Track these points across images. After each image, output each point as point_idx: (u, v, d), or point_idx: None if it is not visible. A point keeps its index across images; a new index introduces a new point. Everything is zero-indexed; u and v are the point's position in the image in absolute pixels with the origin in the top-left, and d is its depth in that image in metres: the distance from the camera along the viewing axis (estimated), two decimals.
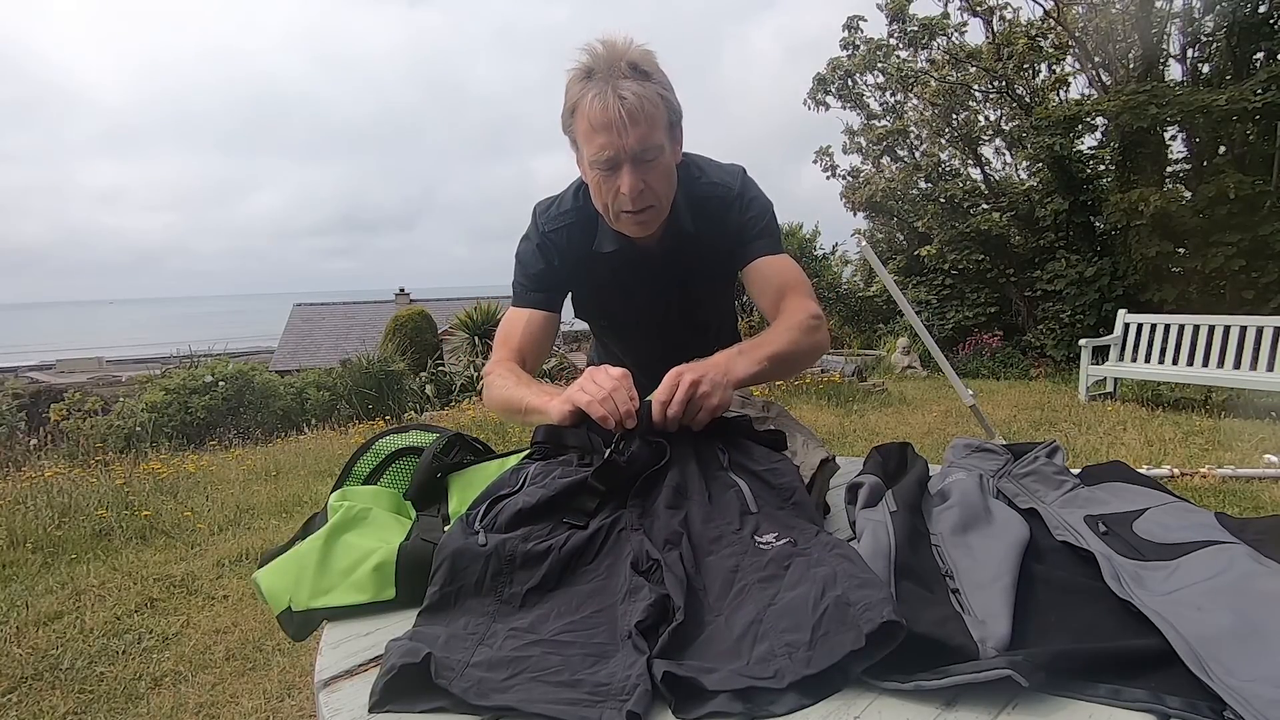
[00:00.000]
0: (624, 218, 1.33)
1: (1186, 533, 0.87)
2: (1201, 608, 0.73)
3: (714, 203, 1.43)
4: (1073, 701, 0.64)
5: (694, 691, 0.65)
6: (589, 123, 1.23)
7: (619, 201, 1.29)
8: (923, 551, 0.87)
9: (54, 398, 11.68)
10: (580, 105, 1.24)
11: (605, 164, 1.26)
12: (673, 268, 1.46)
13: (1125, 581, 0.80)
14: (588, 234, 1.43)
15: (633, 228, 1.35)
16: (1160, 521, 0.91)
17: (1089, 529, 0.93)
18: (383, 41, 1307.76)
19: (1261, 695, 0.62)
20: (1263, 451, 4.89)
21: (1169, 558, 0.83)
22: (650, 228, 1.37)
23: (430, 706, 0.65)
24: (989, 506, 0.95)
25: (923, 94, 12.48)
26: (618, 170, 1.26)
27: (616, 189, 1.28)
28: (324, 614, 0.86)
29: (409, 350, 14.17)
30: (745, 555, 0.85)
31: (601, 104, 1.21)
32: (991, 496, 1.02)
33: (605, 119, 1.21)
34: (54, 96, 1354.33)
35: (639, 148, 1.24)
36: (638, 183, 1.27)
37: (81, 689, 2.63)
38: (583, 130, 1.26)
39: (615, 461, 0.98)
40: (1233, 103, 8.43)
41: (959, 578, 0.82)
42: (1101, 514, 0.96)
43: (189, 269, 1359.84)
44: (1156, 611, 0.73)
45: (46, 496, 4.73)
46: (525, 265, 1.49)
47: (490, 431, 6.73)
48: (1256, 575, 0.76)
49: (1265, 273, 8.67)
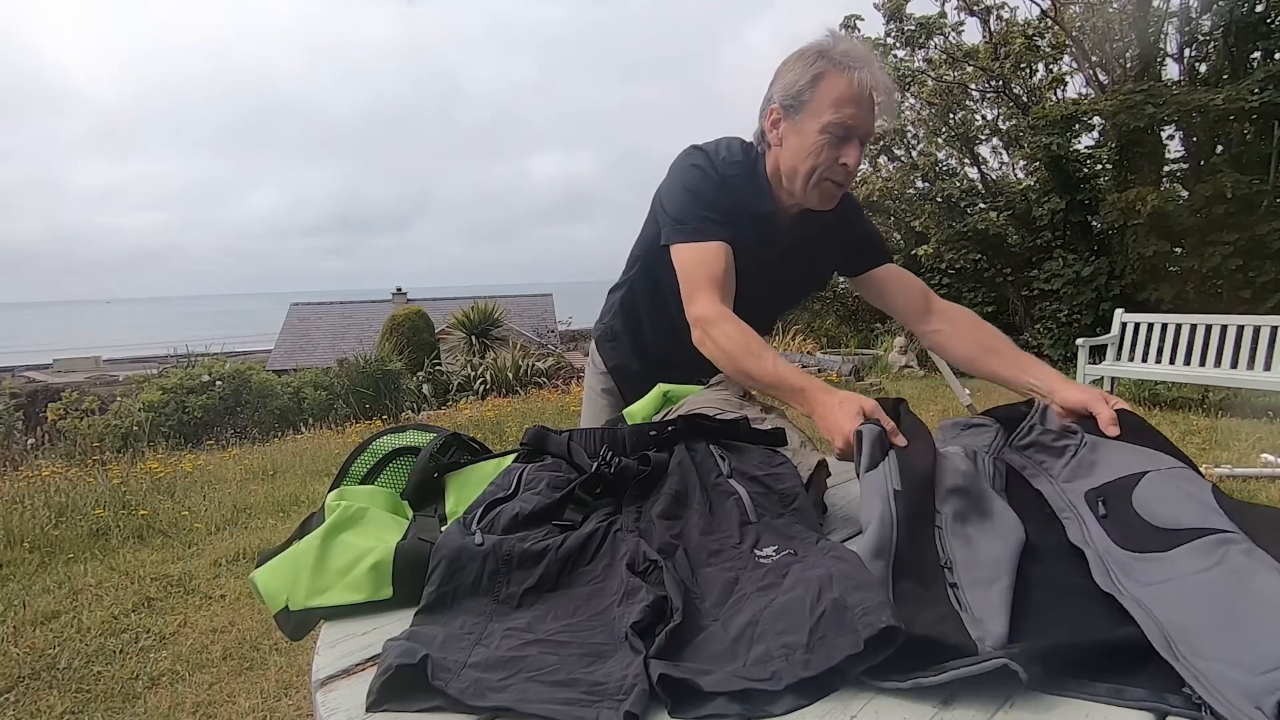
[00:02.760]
0: (825, 186, 1.40)
1: (1184, 512, 0.86)
2: (1184, 598, 0.74)
3: (844, 214, 1.53)
4: (1069, 700, 0.64)
5: (690, 692, 0.65)
6: (841, 91, 1.33)
7: (834, 171, 1.38)
8: (923, 538, 0.85)
9: (51, 397, 11.67)
10: (832, 72, 1.34)
11: (841, 132, 1.35)
12: (798, 253, 1.53)
13: (1114, 575, 0.80)
14: (750, 190, 1.47)
15: (823, 199, 1.43)
16: (1159, 494, 0.90)
17: (1089, 510, 0.93)
18: (379, 39, 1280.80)
19: (1224, 675, 0.63)
20: (1260, 451, 4.90)
21: (1163, 548, 0.83)
22: (832, 204, 1.45)
23: (427, 706, 0.65)
24: (986, 496, 0.94)
25: (920, 93, 12.49)
26: (847, 143, 1.36)
27: (837, 158, 1.37)
28: (321, 613, 0.86)
29: (406, 350, 14.15)
30: (744, 570, 0.84)
31: (870, 80, 1.33)
32: (988, 479, 1.01)
33: (861, 95, 1.33)
34: (47, 93, 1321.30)
35: (870, 133, 1.38)
36: (859, 161, 1.38)
37: (79, 688, 2.63)
38: (830, 96, 1.34)
39: (603, 474, 0.99)
40: (1230, 102, 8.45)
41: (958, 571, 0.81)
42: (1103, 484, 0.96)
43: (186, 268, 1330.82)
44: (1137, 600, 0.74)
45: (44, 496, 4.72)
46: (705, 196, 1.43)
47: (487, 431, 6.72)
48: (1247, 571, 0.75)
49: (1262, 272, 8.69)
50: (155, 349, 31.24)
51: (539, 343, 18.55)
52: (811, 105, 1.36)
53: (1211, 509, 0.85)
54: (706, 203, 1.43)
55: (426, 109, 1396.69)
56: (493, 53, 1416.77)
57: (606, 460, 1.01)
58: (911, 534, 0.84)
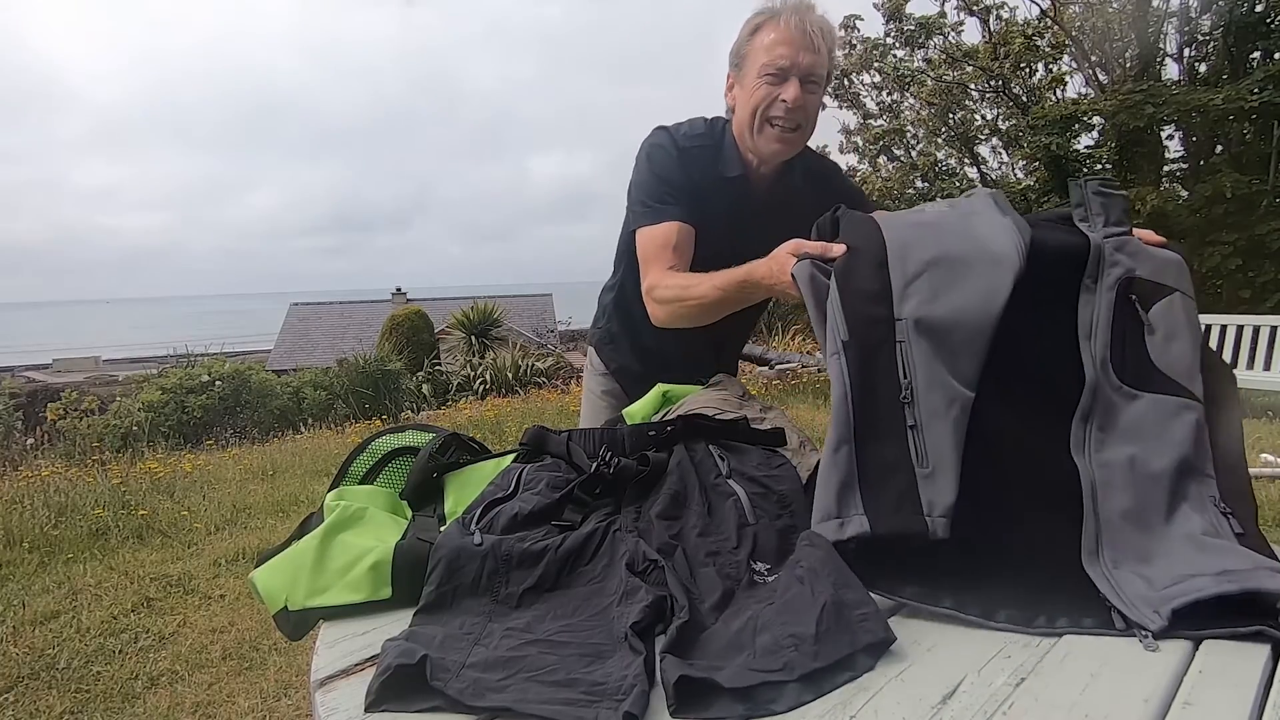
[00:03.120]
0: (770, 130, 1.41)
1: (1181, 357, 0.91)
2: (1124, 489, 0.86)
3: (822, 172, 1.57)
4: (1071, 699, 0.64)
5: (695, 691, 0.65)
6: (773, 36, 1.38)
7: (775, 108, 1.39)
8: (881, 377, 0.87)
9: (50, 397, 11.67)
10: (767, 23, 1.39)
11: (777, 72, 1.38)
12: (776, 218, 1.45)
13: (1092, 424, 0.89)
14: (716, 158, 1.50)
15: (774, 143, 1.43)
16: (1179, 319, 0.92)
17: (1111, 293, 0.91)
18: (378, 39, 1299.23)
19: (1135, 588, 0.79)
20: (1260, 451, 4.90)
21: (1146, 388, 0.90)
22: (787, 149, 1.45)
23: (426, 706, 0.65)
24: (962, 261, 0.89)
25: (919, 93, 12.50)
26: (784, 82, 1.38)
27: (776, 96, 1.39)
28: (320, 613, 0.86)
29: (405, 350, 14.16)
30: (740, 584, 0.85)
31: (796, 21, 1.37)
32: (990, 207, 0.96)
33: (793, 35, 1.37)
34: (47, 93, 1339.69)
35: (809, 69, 1.38)
36: (799, 95, 1.38)
37: (78, 688, 2.62)
38: (763, 43, 1.39)
39: (602, 474, 0.99)
40: (1229, 102, 8.45)
41: (917, 402, 0.85)
42: (1139, 277, 0.93)
43: (185, 268, 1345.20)
44: (1092, 482, 0.87)
45: (43, 496, 4.72)
46: (665, 176, 1.48)
47: (487, 431, 6.73)
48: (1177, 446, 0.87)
49: (1262, 271, 8.69)
50: (155, 349, 31.22)
51: (538, 343, 18.56)
52: (749, 56, 1.42)
53: (1195, 370, 0.91)
54: (664, 179, 1.47)
55: (426, 109, 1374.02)
56: (492, 52, 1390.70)
57: (606, 460, 1.01)
58: (866, 385, 0.87)
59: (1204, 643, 0.73)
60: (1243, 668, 0.68)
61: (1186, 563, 0.80)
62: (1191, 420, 0.89)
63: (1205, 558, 0.80)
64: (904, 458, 0.84)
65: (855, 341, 0.88)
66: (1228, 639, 0.73)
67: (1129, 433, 0.89)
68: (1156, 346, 0.91)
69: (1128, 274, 0.92)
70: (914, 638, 0.74)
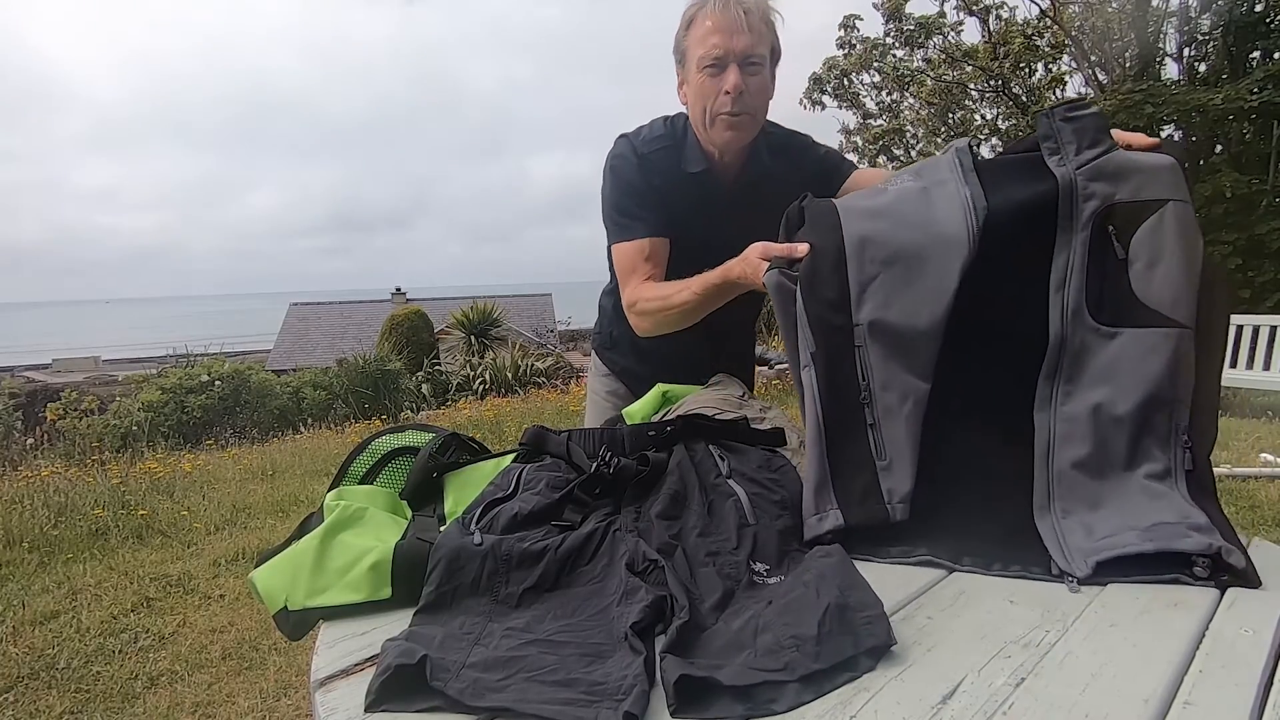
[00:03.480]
0: (720, 121, 1.40)
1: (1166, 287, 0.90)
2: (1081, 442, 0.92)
3: (792, 149, 1.54)
4: (1071, 699, 0.64)
5: (695, 691, 0.65)
6: (706, 26, 1.37)
7: (719, 102, 1.38)
8: (844, 381, 0.95)
9: (50, 397, 11.66)
10: (699, 14, 1.39)
11: (714, 63, 1.37)
12: (749, 202, 1.48)
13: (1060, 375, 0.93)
14: (678, 157, 1.49)
15: (726, 133, 1.42)
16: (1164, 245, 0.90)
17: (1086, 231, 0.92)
18: (377, 38, 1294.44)
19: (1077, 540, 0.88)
20: (1259, 450, 4.90)
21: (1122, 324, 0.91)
22: (742, 135, 1.44)
23: (426, 706, 0.65)
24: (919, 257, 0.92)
25: (919, 93, 12.50)
26: (724, 71, 1.37)
27: (719, 89, 1.37)
28: (320, 613, 0.86)
29: (405, 350, 14.16)
30: (740, 585, 0.85)
31: (723, 6, 1.35)
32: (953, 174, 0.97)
33: (722, 21, 1.35)
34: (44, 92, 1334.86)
35: (747, 53, 1.36)
36: (740, 82, 1.37)
37: (78, 688, 2.62)
38: (697, 35, 1.39)
39: (601, 474, 0.99)
40: (1229, 102, 8.44)
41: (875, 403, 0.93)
42: (1120, 201, 0.91)
43: (184, 268, 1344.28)
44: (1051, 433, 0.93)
45: (43, 496, 4.72)
46: (629, 187, 1.49)
47: (486, 431, 6.73)
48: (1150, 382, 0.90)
49: (1261, 271, 8.68)
50: (154, 349, 31.22)
51: (538, 342, 18.55)
52: (688, 51, 1.42)
53: (1183, 291, 0.90)
54: (629, 191, 1.49)
55: (426, 109, 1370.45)
56: (492, 52, 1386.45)
57: (605, 460, 1.01)
58: (833, 391, 0.95)
59: (1203, 641, 0.73)
60: (1243, 668, 0.68)
61: (1128, 514, 0.88)
62: (1169, 351, 0.90)
63: (1146, 508, 0.88)
64: (866, 454, 0.94)
65: (821, 353, 0.95)
66: (1148, 583, 0.84)
67: (1101, 376, 0.92)
68: (1139, 277, 0.91)
69: (1105, 204, 0.92)
70: (914, 638, 0.74)
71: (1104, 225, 0.91)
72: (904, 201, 0.98)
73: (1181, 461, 0.91)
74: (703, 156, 1.48)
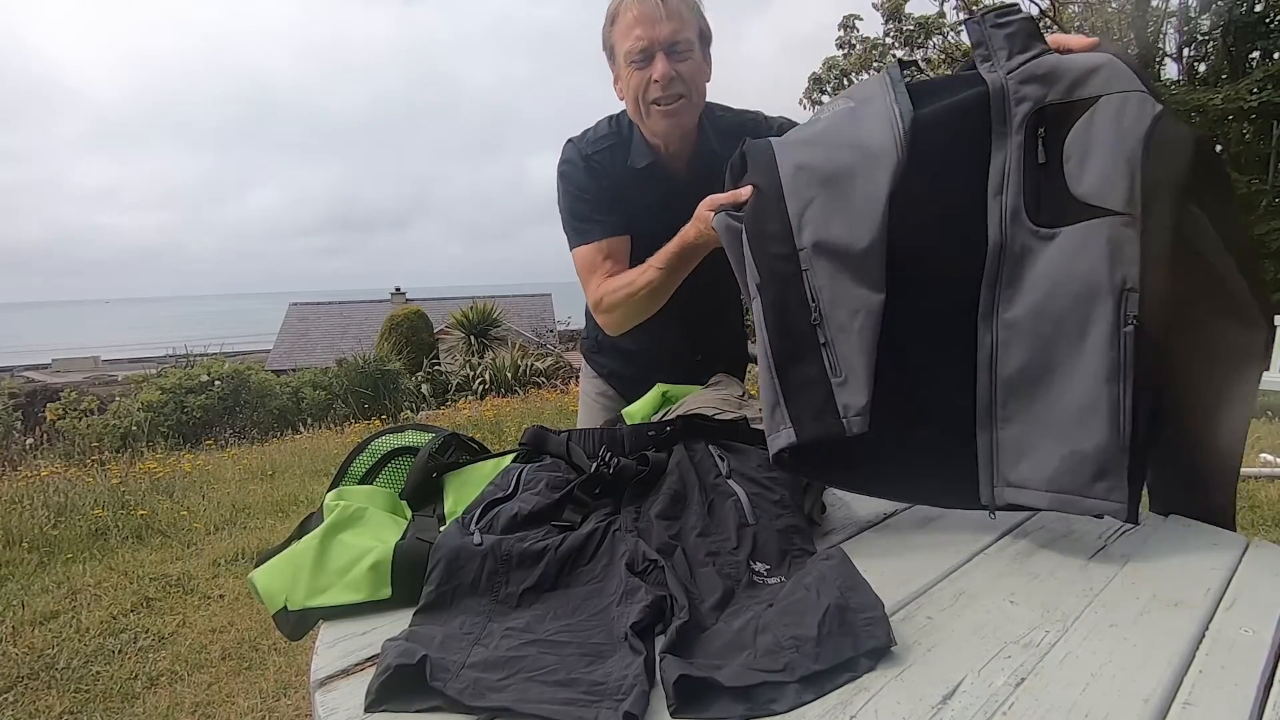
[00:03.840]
0: (655, 110, 1.40)
1: (1103, 182, 0.89)
2: (1024, 350, 0.93)
3: (744, 127, 1.49)
4: (1071, 699, 0.64)
5: (696, 691, 0.65)
6: (627, 20, 1.37)
7: (650, 91, 1.38)
8: (797, 317, 0.95)
9: (50, 397, 11.67)
10: (620, 9, 1.38)
11: (640, 55, 1.37)
12: (701, 188, 1.48)
13: (1001, 280, 0.94)
14: (625, 153, 1.50)
15: (663, 121, 1.42)
16: (1096, 138, 0.90)
17: (1021, 138, 0.92)
18: (376, 38, 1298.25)
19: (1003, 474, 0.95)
20: (1259, 450, 4.90)
21: (1060, 222, 0.91)
22: (681, 120, 1.43)
23: (426, 706, 0.65)
24: (846, 175, 0.94)
25: None
26: (651, 61, 1.37)
27: (649, 78, 1.37)
28: (320, 613, 0.85)
29: (405, 350, 14.16)
30: (740, 585, 0.85)
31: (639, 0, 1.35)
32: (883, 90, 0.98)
33: (642, 12, 1.35)
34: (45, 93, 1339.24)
35: (672, 39, 1.36)
36: (669, 70, 1.37)
37: (77, 688, 2.62)
38: (621, 30, 1.39)
39: (601, 474, 0.99)
40: (1229, 102, 8.46)
41: (826, 322, 0.93)
42: (1052, 103, 0.92)
43: (184, 268, 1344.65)
44: (995, 341, 0.95)
45: (42, 496, 4.72)
46: (579, 192, 1.50)
47: (486, 431, 6.73)
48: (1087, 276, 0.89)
49: (1261, 271, 8.69)
50: (154, 349, 31.22)
51: (538, 342, 18.56)
52: (615, 47, 1.43)
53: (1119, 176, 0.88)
54: (579, 196, 1.50)
55: (425, 108, 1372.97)
56: (492, 51, 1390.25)
57: (605, 460, 1.01)
58: (782, 317, 0.95)
59: (1203, 641, 0.73)
60: (1243, 668, 0.68)
61: (1055, 433, 0.92)
62: (1102, 240, 0.89)
63: (1073, 430, 0.90)
64: (820, 372, 0.94)
65: (767, 283, 0.97)
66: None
67: (1041, 278, 0.92)
68: (1073, 175, 0.91)
69: (1036, 106, 0.92)
70: (914, 638, 0.74)
71: (1036, 128, 0.92)
72: (834, 125, 1.00)
73: (1131, 356, 0.88)
74: (648, 150, 1.49)
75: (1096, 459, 0.89)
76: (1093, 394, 0.89)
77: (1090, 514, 0.92)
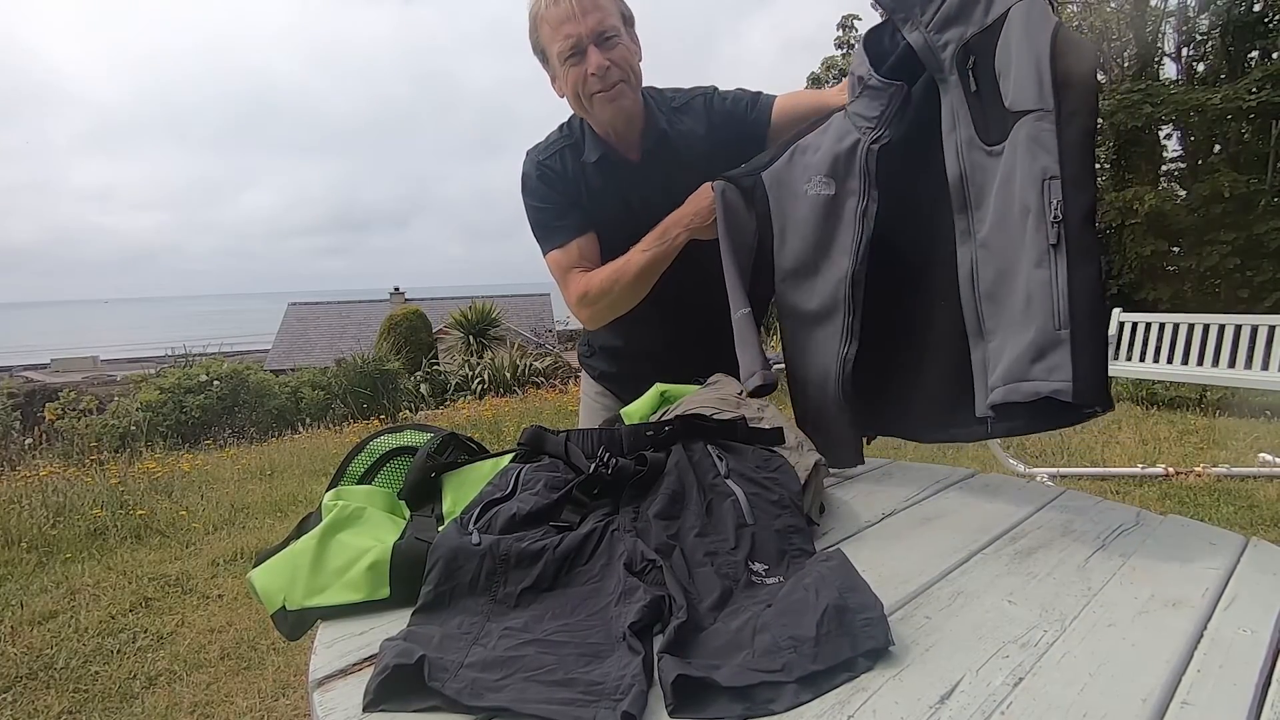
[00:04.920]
0: (598, 100, 1.42)
1: (1025, 86, 0.94)
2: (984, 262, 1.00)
3: (693, 104, 1.54)
4: (1070, 699, 0.64)
5: (694, 691, 0.65)
6: (551, 21, 1.39)
7: (589, 85, 1.41)
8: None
9: (49, 397, 11.65)
10: (540, 12, 1.41)
11: (572, 52, 1.39)
12: (655, 169, 1.52)
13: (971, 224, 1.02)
14: (579, 152, 1.53)
15: (609, 107, 1.43)
16: (1017, 48, 0.95)
17: (960, 77, 1.01)
18: (376, 38, 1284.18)
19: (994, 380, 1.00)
20: (1258, 450, 4.90)
21: (1003, 136, 0.96)
22: (624, 104, 1.45)
23: (424, 706, 0.65)
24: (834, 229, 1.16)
25: None
26: (584, 55, 1.39)
27: (585, 73, 1.40)
28: (318, 613, 0.85)
29: (404, 349, 14.14)
30: (739, 585, 0.85)
31: (554, 1, 1.38)
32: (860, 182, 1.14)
33: (561, 12, 1.38)
34: (44, 93, 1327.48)
35: (598, 29, 1.38)
36: (603, 60, 1.39)
37: (76, 688, 2.62)
38: (547, 33, 1.41)
39: (600, 474, 0.99)
40: (1227, 101, 8.46)
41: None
42: (974, 34, 1.00)
43: (183, 268, 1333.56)
44: (970, 259, 1.02)
45: (41, 496, 4.72)
46: (542, 199, 1.54)
47: (485, 431, 6.73)
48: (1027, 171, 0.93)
49: (1260, 271, 8.69)
50: (153, 349, 31.20)
51: (537, 342, 18.57)
52: (547, 49, 1.45)
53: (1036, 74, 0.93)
54: (542, 204, 1.54)
55: (424, 108, 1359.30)
56: (491, 52, 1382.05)
57: (604, 461, 1.01)
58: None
59: (1201, 641, 0.73)
60: (1241, 667, 0.68)
61: (1011, 333, 0.98)
62: (1025, 136, 0.94)
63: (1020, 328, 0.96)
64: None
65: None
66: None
67: (997, 192, 0.98)
68: (1006, 89, 0.96)
69: (960, 44, 1.00)
70: (912, 638, 0.74)
71: (965, 62, 0.99)
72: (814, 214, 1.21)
73: (1059, 233, 0.91)
74: (599, 142, 1.51)
75: (1036, 342, 0.93)
76: (1030, 283, 0.94)
77: (1034, 396, 0.94)
